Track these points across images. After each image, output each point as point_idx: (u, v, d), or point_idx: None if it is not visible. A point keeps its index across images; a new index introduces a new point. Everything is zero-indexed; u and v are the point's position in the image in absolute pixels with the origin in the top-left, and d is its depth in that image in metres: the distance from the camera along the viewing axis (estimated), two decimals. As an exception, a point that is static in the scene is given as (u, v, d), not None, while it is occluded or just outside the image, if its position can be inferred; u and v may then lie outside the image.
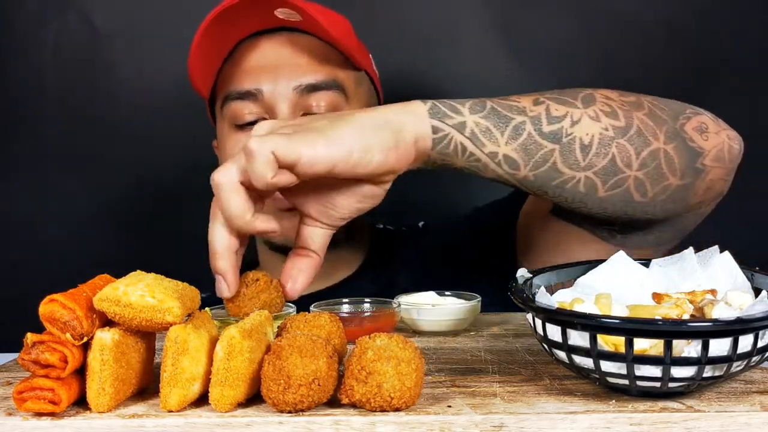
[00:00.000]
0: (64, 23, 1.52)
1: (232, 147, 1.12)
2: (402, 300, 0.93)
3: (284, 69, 1.09)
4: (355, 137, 0.73)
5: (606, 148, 0.82)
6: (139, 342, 0.68)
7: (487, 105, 0.82)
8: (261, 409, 0.65)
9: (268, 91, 1.08)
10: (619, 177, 0.83)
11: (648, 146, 0.84)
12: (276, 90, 1.08)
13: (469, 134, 0.80)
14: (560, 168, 0.82)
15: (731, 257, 0.77)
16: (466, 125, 0.80)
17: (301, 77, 1.09)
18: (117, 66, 1.53)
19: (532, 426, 0.62)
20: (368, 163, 0.74)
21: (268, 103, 1.09)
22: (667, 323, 0.64)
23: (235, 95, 1.10)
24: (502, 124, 0.80)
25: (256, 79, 1.09)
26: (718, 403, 0.65)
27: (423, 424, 0.62)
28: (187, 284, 0.69)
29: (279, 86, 1.08)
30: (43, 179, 1.54)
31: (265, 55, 1.11)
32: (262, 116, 1.09)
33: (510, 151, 0.80)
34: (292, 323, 0.76)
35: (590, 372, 0.66)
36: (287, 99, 1.08)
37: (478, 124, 0.80)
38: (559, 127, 0.82)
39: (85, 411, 0.65)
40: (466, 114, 0.80)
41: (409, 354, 0.64)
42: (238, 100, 1.09)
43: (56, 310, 0.64)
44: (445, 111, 0.79)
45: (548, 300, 0.69)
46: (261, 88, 1.09)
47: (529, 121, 0.82)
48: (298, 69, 1.09)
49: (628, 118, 0.84)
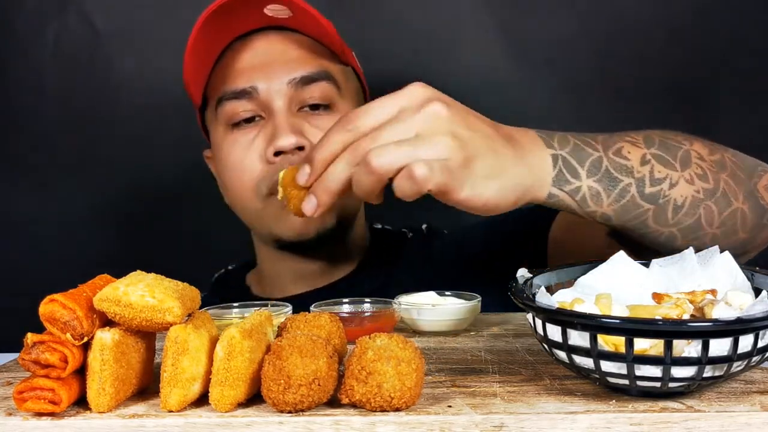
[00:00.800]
0: (64, 23, 1.52)
1: (228, 148, 1.12)
2: (402, 300, 0.93)
3: (277, 64, 1.10)
4: (510, 190, 0.76)
5: (695, 209, 0.84)
6: (139, 342, 0.68)
7: (603, 164, 0.83)
8: (261, 409, 0.65)
9: (263, 88, 1.09)
10: (700, 233, 0.85)
11: (729, 207, 0.86)
12: (271, 86, 1.09)
13: (580, 198, 0.81)
14: (650, 224, 0.84)
15: (731, 257, 0.77)
16: (580, 190, 0.81)
17: (294, 71, 1.10)
18: (117, 66, 1.53)
19: (532, 426, 0.62)
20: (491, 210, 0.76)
21: (263, 100, 1.09)
22: (667, 323, 0.64)
23: (230, 95, 1.10)
24: (611, 187, 0.82)
25: (249, 77, 1.10)
26: (718, 403, 0.65)
27: (423, 424, 0.62)
28: (187, 284, 0.69)
29: (273, 82, 1.09)
30: (43, 179, 1.54)
31: (257, 53, 1.12)
32: (257, 113, 1.10)
33: (609, 211, 0.82)
34: (292, 323, 0.76)
35: (590, 372, 0.66)
36: (283, 94, 1.09)
37: (590, 188, 0.82)
38: (658, 189, 0.83)
39: (86, 411, 0.65)
40: (583, 178, 0.82)
41: (409, 354, 0.64)
42: (233, 99, 1.10)
43: (56, 310, 0.64)
44: (568, 178, 0.81)
45: (548, 300, 0.69)
46: (256, 85, 1.09)
47: (634, 184, 0.83)
48: (291, 63, 1.10)
49: (716, 181, 0.86)
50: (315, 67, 1.11)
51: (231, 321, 0.86)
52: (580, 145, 0.84)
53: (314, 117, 1.10)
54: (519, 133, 0.82)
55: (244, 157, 1.10)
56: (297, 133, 1.07)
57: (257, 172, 1.09)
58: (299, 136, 1.06)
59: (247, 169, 1.10)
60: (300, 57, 1.11)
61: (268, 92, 1.09)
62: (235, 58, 1.12)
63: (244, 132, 1.11)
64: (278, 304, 0.92)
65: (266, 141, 1.08)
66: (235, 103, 1.10)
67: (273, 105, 1.09)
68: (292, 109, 1.10)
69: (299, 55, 1.12)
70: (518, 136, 0.81)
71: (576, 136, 0.87)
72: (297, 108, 1.10)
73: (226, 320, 0.88)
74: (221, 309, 0.93)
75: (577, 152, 0.83)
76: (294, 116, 1.09)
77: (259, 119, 1.11)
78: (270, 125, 1.09)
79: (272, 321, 0.73)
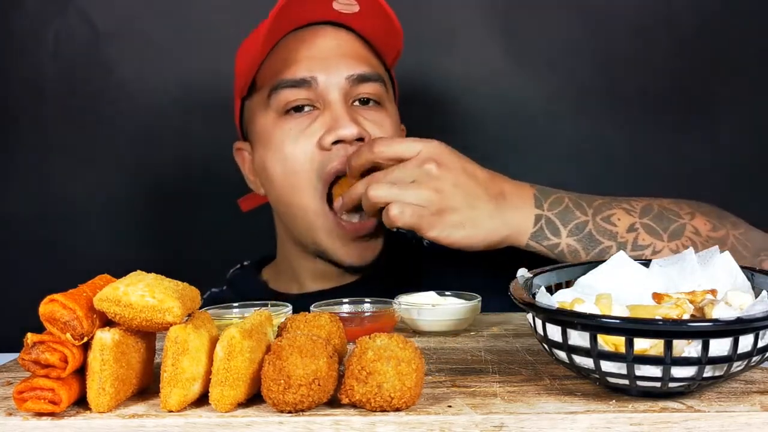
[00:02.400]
0: (64, 23, 1.52)
1: (282, 134, 1.13)
2: (402, 300, 0.93)
3: (337, 59, 1.14)
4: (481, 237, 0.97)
5: None
6: (139, 342, 0.68)
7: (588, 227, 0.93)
8: (261, 409, 0.65)
9: (322, 79, 1.12)
10: None
11: None
12: (329, 79, 1.12)
13: (558, 252, 0.97)
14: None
15: (731, 257, 0.77)
16: (558, 246, 0.95)
17: (353, 68, 1.14)
18: (117, 66, 1.53)
19: (532, 426, 0.62)
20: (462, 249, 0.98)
21: (321, 92, 1.12)
22: (667, 323, 0.64)
23: (289, 83, 1.12)
24: (590, 247, 0.92)
25: (310, 68, 1.12)
26: (718, 403, 0.65)
27: (423, 424, 0.62)
28: (187, 284, 0.69)
29: (332, 75, 1.12)
30: (44, 179, 1.54)
31: (318, 46, 1.15)
32: (312, 104, 1.12)
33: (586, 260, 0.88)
34: (292, 323, 0.76)
35: (590, 372, 0.66)
36: (340, 87, 1.12)
37: (569, 245, 0.92)
38: (639, 254, 0.94)
39: (86, 411, 0.65)
40: (563, 237, 0.93)
41: (409, 354, 0.64)
42: (291, 87, 1.12)
43: (56, 310, 0.64)
44: (547, 235, 0.97)
45: (548, 300, 0.69)
46: (315, 76, 1.12)
47: (615, 247, 0.94)
48: (350, 60, 1.14)
49: None
50: (370, 68, 1.15)
51: (231, 321, 0.86)
52: (570, 208, 0.98)
53: (366, 110, 1.14)
54: (514, 189, 0.99)
55: (298, 144, 1.11)
56: (357, 123, 1.10)
57: (311, 158, 1.10)
58: (359, 127, 1.10)
59: (300, 154, 1.11)
60: (358, 56, 1.16)
61: (327, 84, 1.12)
62: (294, 49, 1.14)
63: (297, 120, 1.12)
64: (278, 304, 0.92)
65: (324, 129, 1.10)
66: (292, 91, 1.12)
67: (330, 97, 1.12)
68: (347, 101, 1.13)
69: (357, 53, 1.16)
70: (510, 192, 0.99)
71: (574, 198, 0.99)
72: (350, 102, 1.14)
73: (226, 320, 0.88)
74: (221, 309, 0.93)
75: (564, 214, 0.98)
76: (349, 108, 1.13)
77: (311, 109, 1.13)
78: (327, 115, 1.11)
79: (272, 321, 0.73)
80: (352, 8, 1.14)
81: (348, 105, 1.13)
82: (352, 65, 1.14)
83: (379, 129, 1.13)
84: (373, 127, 1.13)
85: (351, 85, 1.13)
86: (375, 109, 1.15)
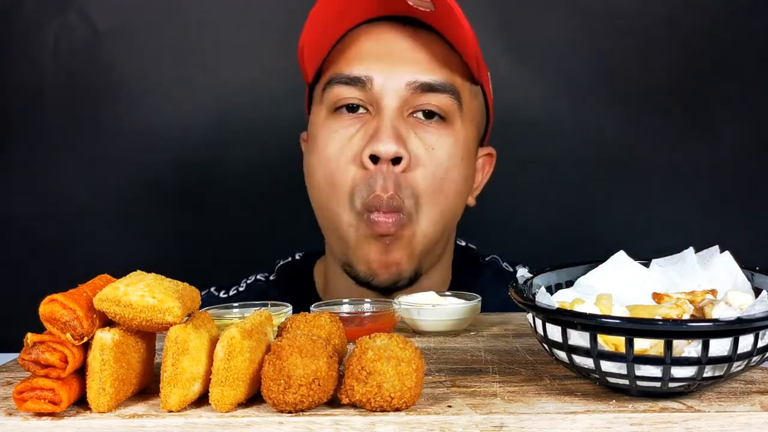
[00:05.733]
0: (64, 23, 1.52)
1: (326, 137, 1.03)
2: (402, 300, 0.93)
3: (400, 61, 1.02)
4: None
5: None
6: (139, 342, 0.68)
7: None
8: (261, 409, 0.65)
9: (378, 81, 1.01)
10: None
11: None
12: (387, 82, 1.01)
13: None
14: None
15: (731, 257, 0.77)
16: None
17: (417, 74, 1.01)
18: (117, 66, 1.53)
19: (532, 426, 0.62)
20: None
21: (375, 94, 1.01)
22: (667, 323, 0.64)
23: (343, 79, 1.02)
24: None
25: (368, 66, 1.02)
26: (718, 403, 0.65)
27: (423, 424, 0.62)
28: (187, 284, 0.69)
29: (391, 78, 1.01)
30: (43, 179, 1.54)
31: (382, 43, 1.03)
32: (365, 105, 1.02)
33: None
34: (292, 323, 0.76)
35: (590, 372, 0.66)
36: (397, 94, 1.01)
37: None
38: None
39: (86, 411, 0.65)
40: None
41: (409, 354, 0.64)
42: (344, 84, 1.02)
43: (56, 310, 0.64)
44: None
45: (548, 300, 0.69)
46: (372, 75, 1.01)
47: None
48: (416, 64, 1.02)
49: None
50: (440, 76, 1.02)
51: (231, 321, 0.86)
52: None
53: (423, 127, 1.02)
54: None
55: (340, 155, 1.01)
56: (399, 141, 0.99)
57: (351, 176, 1.01)
58: (400, 146, 0.99)
59: (341, 169, 1.01)
60: (426, 60, 1.03)
61: (383, 87, 1.01)
62: (358, 41, 1.04)
63: (345, 123, 1.03)
64: (278, 304, 0.92)
65: (365, 140, 1.00)
66: (345, 89, 1.02)
67: (384, 102, 1.01)
68: (403, 112, 1.02)
69: (427, 58, 1.03)
70: None
71: None
72: (409, 112, 1.02)
73: (226, 320, 0.88)
74: (221, 309, 0.93)
75: None
76: (402, 120, 1.01)
77: (363, 111, 1.02)
78: (374, 123, 1.01)
79: (272, 321, 0.73)
80: (427, 6, 1.00)
81: (403, 116, 1.01)
82: (417, 70, 1.01)
83: (432, 150, 1.01)
84: (422, 147, 1.01)
85: (411, 93, 1.01)
86: (438, 125, 1.02)
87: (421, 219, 1.02)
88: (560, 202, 1.55)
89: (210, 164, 1.53)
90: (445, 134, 1.03)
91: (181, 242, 1.55)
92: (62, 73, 1.53)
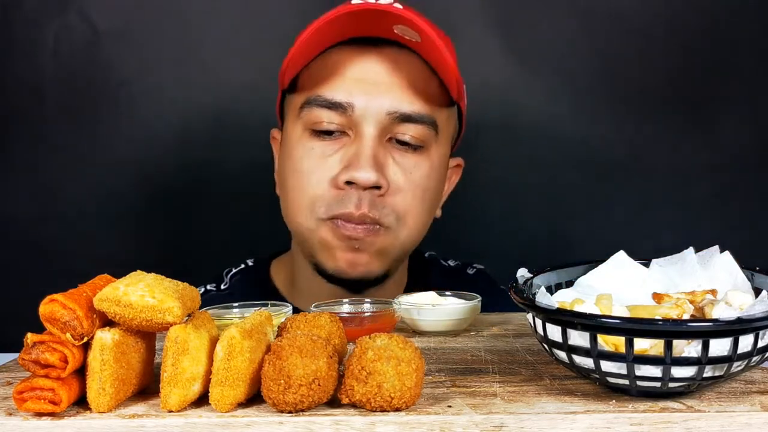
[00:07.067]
0: (64, 23, 1.52)
1: (303, 153, 1.05)
2: (402, 300, 0.93)
3: (382, 89, 1.03)
4: None
5: None
6: (139, 342, 0.68)
7: None
8: (261, 409, 0.65)
9: (360, 107, 1.03)
10: None
11: None
12: (368, 109, 1.03)
13: None
14: None
15: (731, 257, 0.77)
16: None
17: (398, 104, 1.03)
18: (117, 66, 1.53)
19: (532, 426, 0.62)
20: None
21: (356, 120, 1.03)
22: (667, 323, 0.64)
23: (323, 102, 1.04)
24: None
25: (349, 92, 1.03)
26: (718, 403, 0.65)
27: (423, 424, 0.62)
28: (187, 284, 0.69)
29: (372, 106, 1.03)
30: (43, 179, 1.54)
31: (367, 68, 1.04)
32: (344, 130, 1.04)
33: None
34: (292, 323, 0.76)
35: (590, 372, 0.66)
36: (378, 121, 1.03)
37: None
38: None
39: (86, 411, 0.65)
40: None
41: (409, 354, 0.64)
42: (324, 108, 1.04)
43: (56, 310, 0.64)
44: None
45: (548, 300, 0.69)
46: (353, 102, 1.03)
47: None
48: (397, 93, 1.04)
49: None
50: (419, 107, 1.04)
51: (231, 321, 0.86)
52: None
53: (401, 153, 1.05)
54: None
55: (314, 172, 1.04)
56: (378, 169, 1.02)
57: (322, 193, 1.04)
58: (379, 175, 1.01)
59: (313, 185, 1.04)
60: (407, 89, 1.04)
61: (364, 114, 1.03)
62: (341, 64, 1.05)
63: (323, 144, 1.04)
64: (278, 304, 0.92)
65: (343, 164, 1.03)
66: (324, 112, 1.04)
67: (363, 129, 1.03)
68: (382, 138, 1.04)
69: (407, 85, 1.04)
70: None
71: None
72: (387, 138, 1.05)
73: (226, 320, 0.88)
74: (221, 309, 0.93)
75: None
76: (381, 147, 1.04)
77: (340, 135, 1.04)
78: (354, 148, 1.03)
79: (272, 321, 0.73)
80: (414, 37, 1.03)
81: (381, 142, 1.04)
82: (399, 100, 1.03)
83: (410, 174, 1.05)
84: (399, 173, 1.04)
85: (391, 122, 1.03)
86: (413, 153, 1.05)
87: (401, 232, 1.07)
88: (560, 202, 1.55)
89: (210, 164, 1.53)
90: (422, 159, 1.06)
91: (181, 242, 1.55)
92: (62, 73, 1.53)
